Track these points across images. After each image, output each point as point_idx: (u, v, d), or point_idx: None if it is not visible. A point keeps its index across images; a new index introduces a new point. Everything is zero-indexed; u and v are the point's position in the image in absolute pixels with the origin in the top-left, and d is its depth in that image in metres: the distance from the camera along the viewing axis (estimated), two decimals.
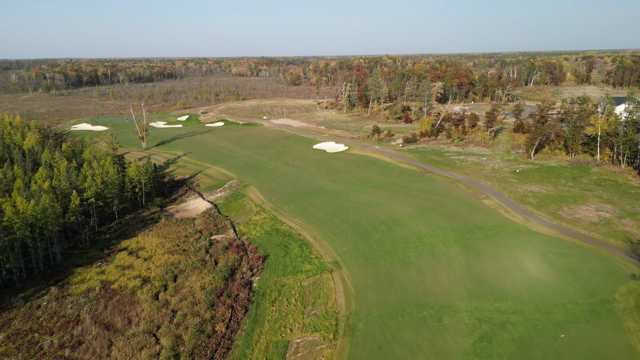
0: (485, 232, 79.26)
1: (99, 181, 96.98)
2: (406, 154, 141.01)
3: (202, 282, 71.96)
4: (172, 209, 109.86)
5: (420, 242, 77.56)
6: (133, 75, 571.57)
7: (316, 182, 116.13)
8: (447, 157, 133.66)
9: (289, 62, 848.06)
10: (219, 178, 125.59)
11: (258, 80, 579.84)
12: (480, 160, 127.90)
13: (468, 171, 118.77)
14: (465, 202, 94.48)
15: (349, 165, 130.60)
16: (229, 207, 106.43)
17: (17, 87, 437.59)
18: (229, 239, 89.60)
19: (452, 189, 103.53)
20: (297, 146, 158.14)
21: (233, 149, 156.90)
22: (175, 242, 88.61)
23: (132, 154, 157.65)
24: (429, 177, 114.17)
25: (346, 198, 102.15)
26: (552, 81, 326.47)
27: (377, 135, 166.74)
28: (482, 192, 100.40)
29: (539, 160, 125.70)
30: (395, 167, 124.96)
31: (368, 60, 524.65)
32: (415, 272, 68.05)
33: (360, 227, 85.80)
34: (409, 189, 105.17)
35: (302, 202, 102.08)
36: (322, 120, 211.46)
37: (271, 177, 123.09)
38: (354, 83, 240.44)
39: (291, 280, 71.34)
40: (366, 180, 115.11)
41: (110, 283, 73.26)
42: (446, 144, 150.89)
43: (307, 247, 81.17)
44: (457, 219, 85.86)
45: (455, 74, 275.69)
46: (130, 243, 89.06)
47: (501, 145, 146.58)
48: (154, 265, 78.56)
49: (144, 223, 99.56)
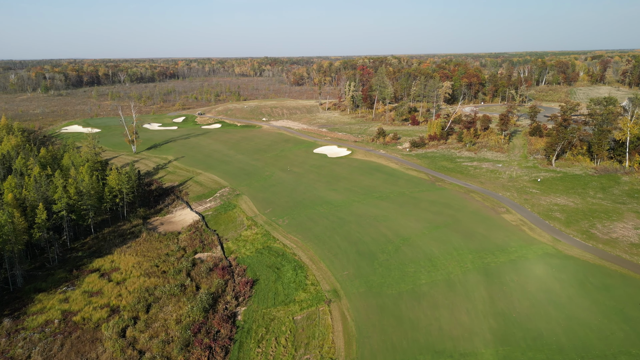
0: (509, 254, 68.40)
1: (73, 191, 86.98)
2: (414, 159, 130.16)
3: (179, 314, 61.65)
4: (157, 221, 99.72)
5: (432, 266, 66.86)
6: (134, 75, 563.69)
7: (315, 191, 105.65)
8: (459, 164, 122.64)
9: (293, 62, 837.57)
10: (210, 186, 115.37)
11: (261, 80, 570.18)
12: (496, 167, 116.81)
13: (483, 179, 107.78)
14: (482, 217, 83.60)
15: (352, 172, 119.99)
16: (218, 220, 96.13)
17: (15, 87, 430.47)
18: (215, 258, 79.28)
19: (467, 201, 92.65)
20: (297, 150, 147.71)
21: (228, 153, 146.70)
22: (154, 262, 78.43)
23: (121, 158, 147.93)
24: (440, 187, 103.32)
25: (348, 210, 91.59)
26: (565, 81, 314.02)
27: (382, 139, 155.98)
28: (500, 205, 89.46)
29: (561, 167, 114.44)
30: (402, 175, 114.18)
31: (373, 60, 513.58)
32: (428, 305, 57.37)
33: (363, 246, 75.21)
34: (418, 201, 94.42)
35: (298, 214, 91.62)
36: (324, 122, 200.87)
37: (266, 185, 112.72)
38: (358, 83, 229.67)
39: (282, 312, 60.86)
40: (370, 189, 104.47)
41: (73, 314, 63.08)
42: (457, 148, 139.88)
43: (302, 270, 70.67)
44: (475, 237, 75.05)
45: (464, 73, 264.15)
46: (103, 262, 78.95)
47: (517, 150, 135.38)
48: (126, 291, 68.38)
49: (122, 238, 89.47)
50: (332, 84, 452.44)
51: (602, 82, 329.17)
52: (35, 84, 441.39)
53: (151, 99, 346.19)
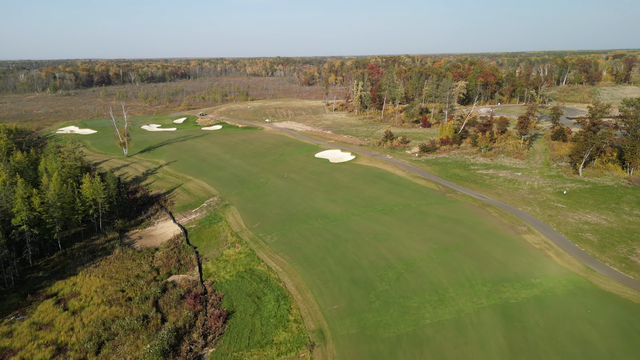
0: (532, 288, 56.93)
1: (37, 203, 77.99)
2: (423, 166, 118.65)
3: (134, 356, 51.77)
4: (135, 234, 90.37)
5: (440, 301, 55.82)
6: (145, 75, 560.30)
7: (311, 201, 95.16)
8: (473, 172, 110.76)
9: (306, 62, 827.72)
10: (198, 194, 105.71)
11: (272, 80, 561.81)
12: (515, 176, 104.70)
13: (500, 191, 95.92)
14: (499, 238, 72.05)
15: (354, 179, 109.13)
16: (201, 235, 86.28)
17: (25, 87, 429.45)
18: (190, 282, 69.34)
19: (481, 217, 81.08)
20: (297, 154, 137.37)
21: (223, 158, 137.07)
22: (121, 285, 68.84)
23: (111, 162, 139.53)
24: (451, 199, 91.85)
25: (345, 226, 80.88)
26: (588, 80, 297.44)
27: (389, 142, 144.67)
28: (520, 222, 77.72)
29: (589, 176, 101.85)
30: (409, 184, 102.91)
31: (385, 59, 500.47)
32: (432, 356, 46.40)
33: (359, 272, 64.47)
34: (425, 216, 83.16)
35: (289, 229, 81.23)
36: (329, 124, 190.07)
37: (259, 194, 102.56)
38: (367, 82, 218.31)
39: (256, 357, 50.53)
40: (373, 200, 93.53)
41: (13, 352, 53.71)
42: (471, 153, 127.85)
43: (285, 301, 60.26)
44: (491, 264, 63.68)
45: (479, 72, 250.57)
46: (64, 285, 69.64)
47: (538, 156, 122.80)
48: (80, 324, 58.82)
49: (92, 255, 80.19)
50: (344, 84, 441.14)
51: (627, 81, 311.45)
52: (45, 83, 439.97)
53: (157, 98, 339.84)
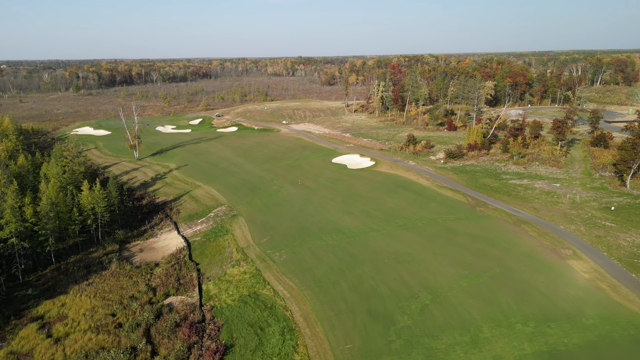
0: (584, 331, 47.56)
1: (29, 213, 72.40)
2: (450, 174, 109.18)
3: None
4: (136, 247, 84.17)
5: (472, 344, 47.06)
6: (167, 75, 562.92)
7: (327, 213, 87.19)
8: (506, 182, 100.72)
9: (327, 62, 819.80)
10: (206, 203, 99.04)
11: (292, 80, 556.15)
12: (553, 188, 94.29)
13: (537, 205, 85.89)
14: (540, 264, 62.55)
15: (374, 188, 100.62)
16: (205, 249, 79.33)
17: (49, 86, 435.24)
18: (187, 306, 62.31)
19: (518, 237, 71.54)
20: (313, 159, 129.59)
21: (236, 162, 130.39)
22: (112, 308, 62.33)
23: (121, 165, 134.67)
24: (482, 213, 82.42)
25: (363, 243, 72.61)
26: (624, 81, 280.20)
27: (412, 147, 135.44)
28: (564, 244, 67.93)
29: (638, 189, 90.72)
30: (434, 195, 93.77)
31: (408, 59, 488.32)
32: None
33: (377, 302, 56.17)
34: (453, 233, 74.10)
35: (301, 246, 73.46)
36: (348, 126, 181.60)
37: (270, 203, 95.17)
38: (389, 82, 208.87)
39: None
40: (394, 213, 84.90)
41: None
42: (502, 161, 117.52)
43: (292, 335, 52.48)
44: (532, 296, 54.44)
45: (508, 72, 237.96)
46: (52, 306, 63.56)
47: (577, 164, 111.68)
48: (62, 355, 52.41)
49: (87, 270, 74.13)
50: (365, 84, 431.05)
51: None
52: (69, 83, 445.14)
53: (177, 98, 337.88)
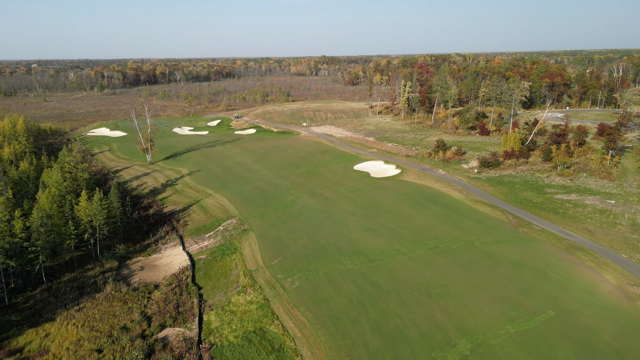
0: None
1: (19, 227, 65.78)
2: (485, 185, 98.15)
3: None
4: (137, 264, 76.82)
5: None
6: (190, 74, 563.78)
7: (346, 229, 77.87)
8: (550, 196, 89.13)
9: (351, 61, 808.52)
10: (216, 214, 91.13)
11: (315, 79, 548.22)
12: (607, 205, 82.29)
13: (590, 226, 74.32)
14: (605, 306, 51.62)
15: (399, 201, 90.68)
16: (210, 270, 71.19)
17: (74, 85, 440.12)
18: (184, 342, 54.07)
19: (573, 268, 60.54)
20: (334, 165, 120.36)
21: (251, 168, 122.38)
22: (99, 342, 54.66)
23: (133, 169, 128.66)
24: (526, 235, 71.49)
25: (387, 269, 63.01)
26: None
27: (442, 153, 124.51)
28: (630, 279, 56.66)
29: None
30: (469, 211, 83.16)
31: (435, 58, 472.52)
32: None
33: (405, 350, 46.58)
34: (494, 261, 63.64)
35: (316, 271, 64.40)
36: (372, 129, 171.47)
37: (284, 216, 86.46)
38: (415, 82, 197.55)
39: None
40: (423, 232, 74.87)
41: None
42: (544, 171, 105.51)
43: None
44: (601, 353, 43.80)
45: (544, 72, 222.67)
46: (34, 336, 56.44)
47: (631, 176, 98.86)
48: None
49: (80, 292, 67.02)
50: (389, 84, 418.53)
51: None
52: (94, 82, 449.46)
53: (198, 98, 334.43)
